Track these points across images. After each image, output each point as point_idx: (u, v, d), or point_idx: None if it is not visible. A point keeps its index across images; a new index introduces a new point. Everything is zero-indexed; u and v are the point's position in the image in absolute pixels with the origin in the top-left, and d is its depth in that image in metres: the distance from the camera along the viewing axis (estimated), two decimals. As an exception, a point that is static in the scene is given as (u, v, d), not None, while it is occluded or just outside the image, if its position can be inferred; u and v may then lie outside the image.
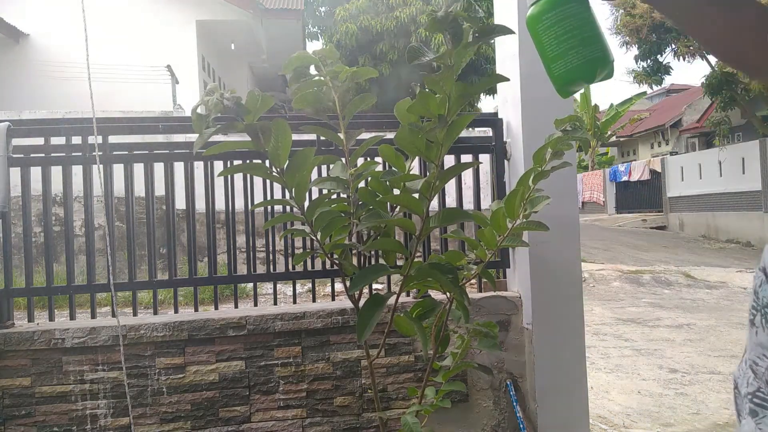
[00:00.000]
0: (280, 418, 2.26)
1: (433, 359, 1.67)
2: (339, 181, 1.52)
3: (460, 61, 1.22)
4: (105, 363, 2.15)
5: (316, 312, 2.30)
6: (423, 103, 1.30)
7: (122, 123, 2.36)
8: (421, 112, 1.34)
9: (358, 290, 1.53)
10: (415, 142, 1.33)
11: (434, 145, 1.33)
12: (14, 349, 2.11)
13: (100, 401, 2.14)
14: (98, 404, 2.14)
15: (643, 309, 6.54)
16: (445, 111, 1.28)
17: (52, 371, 2.13)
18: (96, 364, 2.14)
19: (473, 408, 2.42)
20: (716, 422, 3.17)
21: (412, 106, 1.34)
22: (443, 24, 1.18)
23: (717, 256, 11.04)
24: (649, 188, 17.86)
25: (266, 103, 1.26)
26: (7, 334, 2.12)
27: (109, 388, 2.14)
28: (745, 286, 7.72)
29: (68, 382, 2.13)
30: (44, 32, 9.70)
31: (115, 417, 2.14)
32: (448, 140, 1.32)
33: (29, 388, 2.12)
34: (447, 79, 1.23)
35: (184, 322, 2.19)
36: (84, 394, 2.14)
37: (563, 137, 1.47)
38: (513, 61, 2.39)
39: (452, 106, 1.27)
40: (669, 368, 4.24)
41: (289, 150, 1.32)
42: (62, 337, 2.13)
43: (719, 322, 5.77)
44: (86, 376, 2.14)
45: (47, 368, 2.12)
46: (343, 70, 1.49)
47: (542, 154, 1.51)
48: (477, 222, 1.64)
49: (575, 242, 2.40)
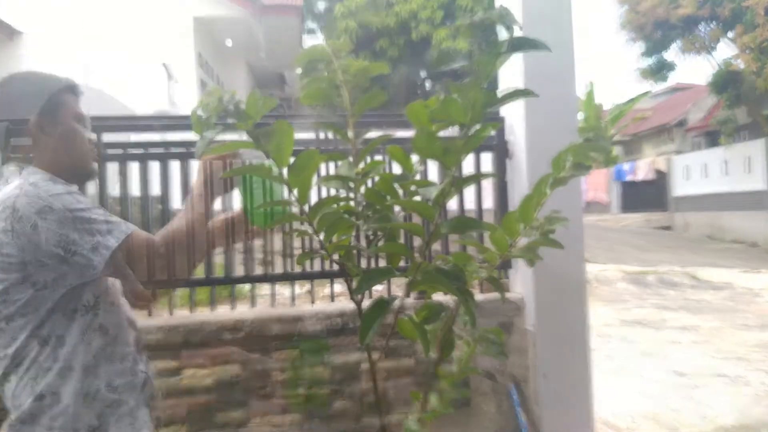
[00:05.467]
0: (278, 423, 2.22)
1: (438, 364, 1.63)
2: (345, 180, 1.49)
3: (488, 71, 1.19)
4: (99, 366, 2.11)
5: (314, 314, 2.26)
6: (445, 109, 1.27)
7: (117, 121, 2.32)
8: (442, 118, 1.32)
9: (363, 292, 1.50)
10: (433, 148, 1.31)
11: (453, 151, 1.30)
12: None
13: (94, 405, 2.10)
14: (93, 408, 2.10)
15: (648, 310, 6.49)
16: (467, 119, 1.25)
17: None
18: (90, 367, 2.11)
19: (475, 412, 2.38)
20: (722, 425, 3.12)
21: (434, 111, 1.31)
22: (479, 30, 1.16)
23: (722, 257, 10.97)
24: (653, 188, 17.77)
25: (268, 105, 1.22)
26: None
27: (103, 392, 2.11)
28: (750, 287, 7.65)
29: (62, 386, 2.10)
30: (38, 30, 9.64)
31: (109, 421, 2.10)
32: (467, 148, 1.30)
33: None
34: (474, 87, 1.20)
35: (179, 324, 2.16)
36: (78, 398, 2.10)
37: (585, 146, 1.43)
38: (516, 59, 2.35)
39: (476, 114, 1.25)
40: (674, 371, 4.19)
41: (291, 150, 1.29)
42: (56, 339, 2.09)
43: (724, 324, 5.71)
44: (80, 380, 2.11)
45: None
46: (353, 65, 1.45)
47: (562, 160, 1.48)
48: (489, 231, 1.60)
49: (579, 243, 2.35)
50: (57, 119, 1.21)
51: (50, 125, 1.20)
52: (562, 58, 2.35)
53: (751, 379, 3.92)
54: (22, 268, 1.06)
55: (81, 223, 1.06)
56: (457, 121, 1.27)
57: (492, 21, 1.15)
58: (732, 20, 11.80)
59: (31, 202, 1.06)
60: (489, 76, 1.21)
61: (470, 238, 1.75)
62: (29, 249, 1.05)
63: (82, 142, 1.26)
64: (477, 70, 1.19)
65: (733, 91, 12.91)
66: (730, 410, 3.36)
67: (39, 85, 1.21)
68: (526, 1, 2.33)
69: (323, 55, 1.46)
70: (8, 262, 1.06)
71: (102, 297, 1.16)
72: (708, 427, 3.12)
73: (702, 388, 3.79)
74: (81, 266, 1.07)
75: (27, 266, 1.06)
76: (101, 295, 1.16)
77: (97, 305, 1.15)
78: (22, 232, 1.05)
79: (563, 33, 2.37)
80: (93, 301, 1.14)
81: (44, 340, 1.08)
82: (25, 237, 1.05)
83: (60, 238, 1.05)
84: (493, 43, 1.17)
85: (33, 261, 1.06)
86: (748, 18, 11.22)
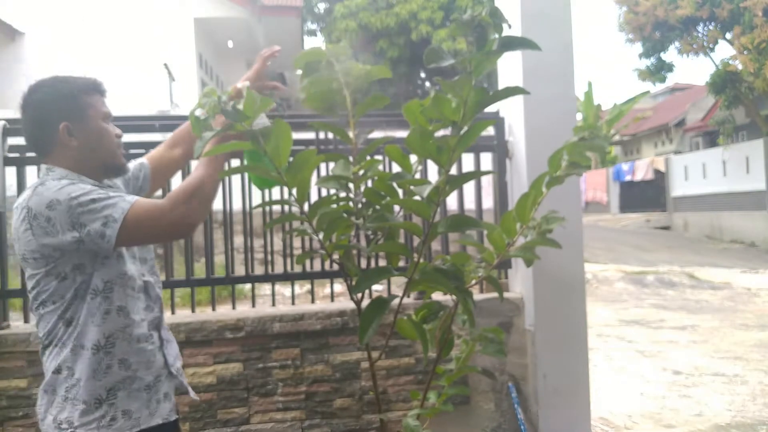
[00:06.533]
0: (279, 420, 2.24)
1: (437, 363, 1.64)
2: (342, 180, 1.49)
3: (480, 69, 1.19)
4: (101, 364, 2.13)
5: (315, 313, 2.28)
6: (437, 107, 1.27)
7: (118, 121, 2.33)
8: (434, 116, 1.31)
9: (362, 292, 1.51)
10: (426, 146, 1.31)
11: (446, 150, 1.30)
12: (10, 351, 2.09)
13: (96, 403, 2.12)
14: (95, 406, 2.12)
15: (647, 310, 6.50)
16: (459, 117, 1.25)
17: (48, 373, 2.11)
18: (92, 366, 2.12)
19: (474, 410, 2.39)
20: (718, 424, 3.13)
21: (425, 108, 1.31)
22: (468, 27, 1.16)
23: (721, 257, 10.98)
24: (652, 188, 17.76)
25: (265, 105, 1.24)
26: (3, 336, 2.10)
27: (105, 390, 2.12)
28: (749, 287, 7.67)
29: (64, 384, 2.11)
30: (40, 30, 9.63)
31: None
32: (460, 147, 1.30)
33: (26, 390, 2.10)
34: (465, 85, 1.20)
35: (181, 323, 2.17)
36: (80, 396, 2.11)
37: (580, 144, 1.44)
38: (516, 59, 2.36)
39: (468, 112, 1.25)
40: (672, 370, 4.20)
41: (289, 151, 1.30)
42: (58, 338, 2.10)
43: (723, 324, 5.73)
44: (82, 378, 2.12)
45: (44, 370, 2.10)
46: (355, 68, 1.46)
47: (558, 159, 1.48)
48: (486, 229, 1.60)
49: (578, 243, 2.37)
50: (85, 122, 1.29)
51: (79, 128, 1.28)
52: (562, 58, 2.37)
53: (749, 379, 3.94)
54: (46, 262, 1.21)
55: (86, 205, 1.18)
56: (450, 118, 1.27)
57: (482, 19, 1.15)
58: (730, 21, 11.81)
59: (41, 200, 1.19)
60: (481, 74, 1.21)
61: (469, 238, 1.76)
62: (49, 242, 1.19)
63: (110, 140, 1.34)
64: (468, 68, 1.19)
65: (732, 91, 12.92)
66: (728, 409, 3.37)
67: (65, 91, 1.28)
68: (525, 1, 2.34)
69: (321, 58, 1.47)
70: (34, 257, 1.22)
71: (116, 282, 1.26)
72: (705, 426, 3.13)
73: (700, 387, 3.81)
74: (96, 242, 1.18)
75: (49, 259, 1.21)
76: (113, 279, 1.26)
77: (109, 289, 1.25)
78: (40, 228, 1.19)
79: (562, 33, 2.38)
80: (102, 285, 1.25)
81: (68, 322, 1.24)
82: (43, 231, 1.18)
83: (72, 222, 1.17)
84: (483, 41, 1.17)
85: (54, 253, 1.20)
86: (746, 19, 11.24)
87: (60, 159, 1.28)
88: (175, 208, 1.21)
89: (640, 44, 13.41)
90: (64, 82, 1.29)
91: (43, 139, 1.28)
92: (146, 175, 1.51)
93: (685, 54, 12.95)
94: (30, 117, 1.29)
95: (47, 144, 1.28)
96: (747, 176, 13.21)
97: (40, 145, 1.30)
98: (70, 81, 1.30)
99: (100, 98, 1.33)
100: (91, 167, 1.29)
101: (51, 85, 1.29)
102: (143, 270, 1.36)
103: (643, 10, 12.54)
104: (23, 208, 1.21)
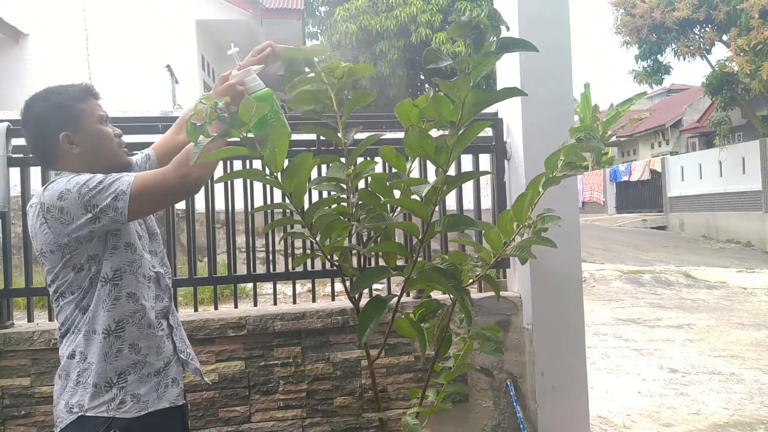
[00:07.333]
0: (280, 418, 2.26)
1: (435, 361, 1.66)
2: (337, 181, 1.51)
3: (478, 70, 1.20)
4: (104, 363, 2.14)
5: (315, 312, 2.30)
6: (435, 107, 1.28)
7: (121, 123, 2.35)
8: (432, 116, 1.32)
9: (359, 293, 1.52)
10: (424, 146, 1.32)
11: (443, 150, 1.31)
12: (14, 349, 2.11)
13: (99, 401, 2.13)
14: (98, 404, 2.13)
15: (644, 309, 6.53)
16: (457, 118, 1.26)
17: (51, 371, 2.12)
18: (95, 364, 2.14)
19: (473, 408, 2.42)
20: (716, 422, 3.17)
21: (423, 109, 1.32)
22: (466, 29, 1.17)
23: (717, 256, 11.04)
24: (649, 188, 17.83)
25: (260, 111, 1.25)
26: (7, 334, 2.11)
27: (108, 388, 2.14)
28: (745, 286, 7.71)
29: (68, 382, 2.13)
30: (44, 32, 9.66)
31: (114, 417, 2.13)
32: (458, 147, 1.31)
33: (29, 388, 2.11)
34: (463, 86, 1.21)
35: (183, 322, 2.18)
36: (83, 394, 2.13)
37: (577, 146, 1.46)
38: (514, 60, 2.38)
39: (466, 113, 1.26)
40: (669, 368, 4.24)
41: (285, 155, 1.31)
42: (62, 337, 2.12)
43: (719, 322, 5.76)
44: (86, 376, 2.14)
45: (47, 368, 2.12)
46: (338, 67, 1.47)
47: (554, 160, 1.50)
48: (482, 229, 1.62)
49: (575, 242, 2.39)
50: (83, 128, 1.33)
51: (78, 135, 1.33)
52: (559, 60, 2.39)
53: (745, 377, 3.97)
54: (62, 254, 1.27)
55: (95, 187, 1.24)
56: (448, 119, 1.28)
57: (480, 21, 1.16)
58: (727, 23, 11.87)
59: (52, 194, 1.26)
60: (479, 75, 1.23)
61: (467, 238, 1.78)
62: (64, 231, 1.24)
63: (110, 141, 1.38)
64: (466, 69, 1.21)
65: (728, 92, 12.98)
66: (725, 407, 3.40)
67: (59, 102, 1.32)
68: (522, 3, 2.36)
69: (300, 56, 1.48)
70: (51, 250, 1.27)
71: (125, 270, 1.31)
72: (702, 424, 3.16)
73: (697, 385, 3.84)
74: (110, 216, 1.23)
75: (65, 250, 1.26)
76: (123, 267, 1.31)
77: (119, 277, 1.30)
78: (54, 219, 1.24)
79: (560, 35, 2.41)
80: (112, 273, 1.30)
81: (84, 309, 1.30)
82: (57, 222, 1.24)
83: (84, 205, 1.23)
84: (481, 43, 1.19)
85: (71, 243, 1.25)
86: (742, 21, 11.30)
87: (66, 166, 1.33)
88: (179, 170, 1.26)
89: (636, 47, 13.46)
90: (57, 93, 1.33)
91: (47, 151, 1.34)
92: (153, 165, 1.55)
93: (682, 56, 13.00)
94: (30, 133, 1.35)
95: (51, 155, 1.34)
96: (743, 177, 13.27)
97: (45, 157, 1.36)
98: (62, 91, 1.34)
99: (95, 102, 1.37)
100: (96, 169, 1.33)
101: (44, 98, 1.33)
102: (154, 262, 1.41)
103: (640, 13, 12.59)
104: (36, 204, 1.27)
